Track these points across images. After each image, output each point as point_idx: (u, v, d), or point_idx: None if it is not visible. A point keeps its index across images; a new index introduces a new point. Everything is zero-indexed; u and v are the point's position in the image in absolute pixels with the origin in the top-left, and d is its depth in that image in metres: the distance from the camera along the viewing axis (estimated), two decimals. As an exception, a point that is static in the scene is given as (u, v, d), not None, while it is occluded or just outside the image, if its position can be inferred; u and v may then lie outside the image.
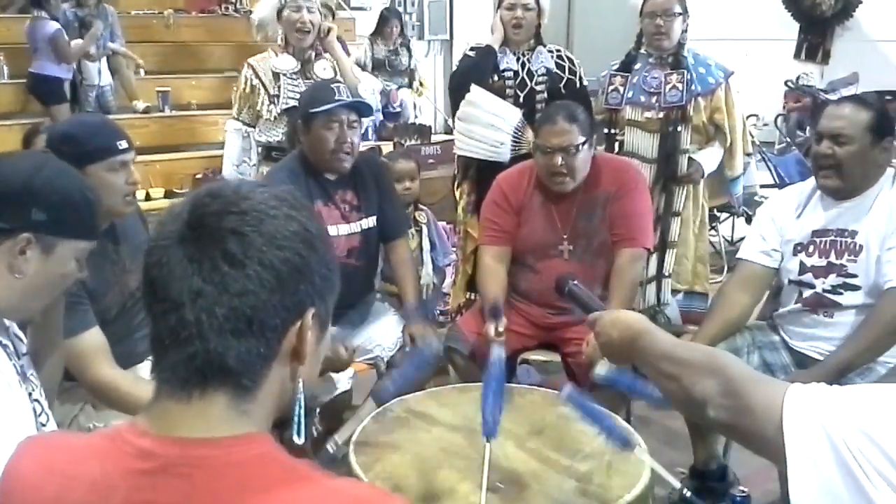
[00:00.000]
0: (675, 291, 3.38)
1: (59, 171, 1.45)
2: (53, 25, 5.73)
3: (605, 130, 3.37)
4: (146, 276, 0.83)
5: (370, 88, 3.48)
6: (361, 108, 2.69)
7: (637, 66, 3.28)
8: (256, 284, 0.79)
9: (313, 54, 3.31)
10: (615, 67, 3.36)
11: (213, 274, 0.79)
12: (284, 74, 3.24)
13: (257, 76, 3.26)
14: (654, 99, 3.20)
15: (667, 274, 3.32)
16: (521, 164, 2.85)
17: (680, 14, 3.16)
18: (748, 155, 3.60)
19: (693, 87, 3.17)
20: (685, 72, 3.17)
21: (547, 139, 2.56)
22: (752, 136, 4.18)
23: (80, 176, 1.54)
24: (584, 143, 2.55)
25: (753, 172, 4.56)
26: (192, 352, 0.79)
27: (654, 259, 3.27)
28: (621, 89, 3.27)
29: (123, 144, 1.99)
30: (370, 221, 2.71)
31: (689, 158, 3.25)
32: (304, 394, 0.88)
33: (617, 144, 3.31)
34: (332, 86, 2.64)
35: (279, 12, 3.27)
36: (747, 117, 4.27)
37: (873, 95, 7.49)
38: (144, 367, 2.07)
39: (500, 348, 2.02)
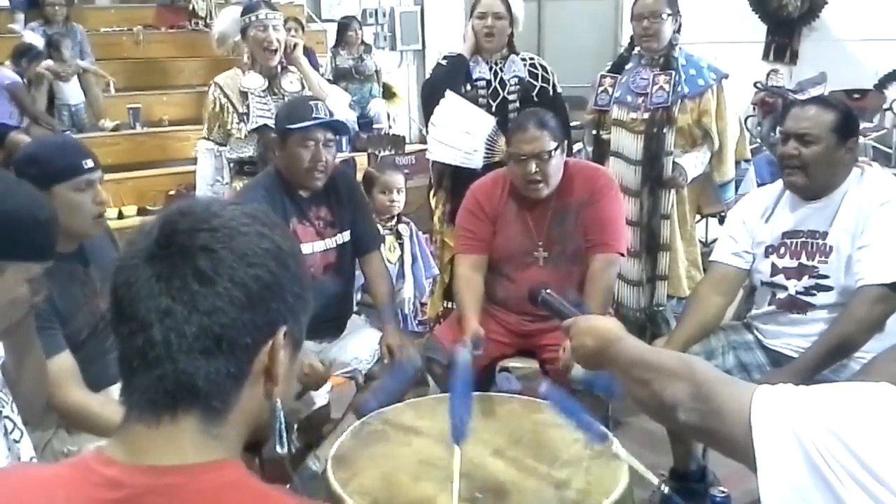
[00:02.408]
0: (669, 296, 3.31)
1: (7, 191, 1.40)
2: (15, 77, 5.66)
3: (594, 132, 3.36)
4: (114, 296, 0.81)
5: (341, 102, 3.46)
6: (338, 127, 2.70)
7: (629, 66, 3.26)
8: (227, 302, 0.78)
9: (280, 69, 3.30)
10: (607, 68, 3.35)
11: (183, 292, 0.77)
12: (253, 93, 3.24)
13: (225, 95, 3.25)
14: (640, 100, 3.16)
15: (661, 275, 3.26)
16: (494, 173, 2.85)
17: (669, 15, 3.11)
18: (746, 161, 3.50)
19: (679, 89, 3.11)
20: (673, 73, 3.12)
21: (519, 147, 2.58)
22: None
23: (35, 195, 1.48)
24: (556, 149, 2.57)
25: (752, 180, 4.39)
26: (160, 373, 0.78)
27: (646, 262, 3.23)
28: (610, 90, 3.25)
29: (89, 163, 1.96)
30: (345, 236, 2.72)
31: (673, 163, 3.17)
32: (282, 410, 0.87)
33: (605, 145, 3.27)
34: (311, 103, 2.63)
35: (244, 31, 3.26)
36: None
37: (841, 94, 7.62)
38: (117, 390, 2.05)
39: (465, 351, 2.02)
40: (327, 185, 2.65)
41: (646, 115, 3.14)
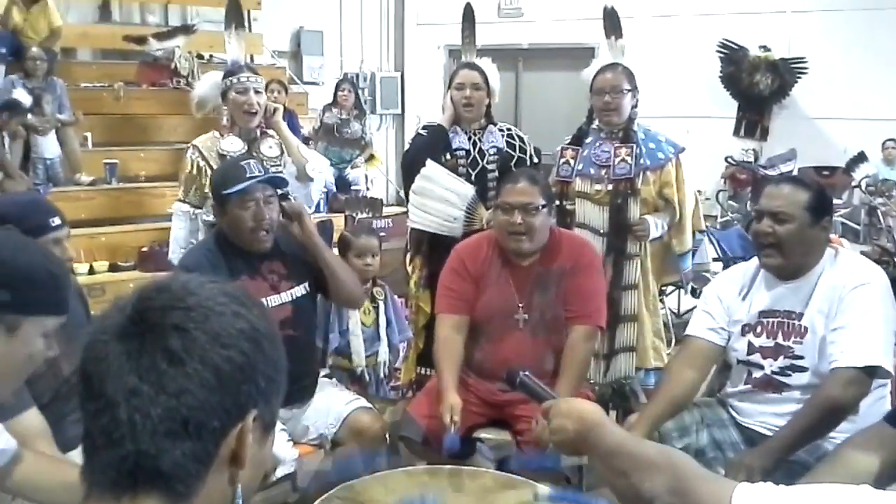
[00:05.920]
0: (636, 368, 3.28)
1: (21, 246, 1.40)
2: None
3: (557, 203, 3.39)
4: (82, 372, 0.79)
5: (319, 167, 3.47)
6: (277, 182, 2.67)
7: (588, 140, 3.30)
8: (195, 384, 0.76)
9: (259, 132, 3.30)
10: (567, 141, 3.39)
11: (151, 372, 0.76)
12: (231, 156, 3.22)
13: (203, 158, 3.23)
14: (602, 171, 3.20)
15: (623, 347, 3.23)
16: (480, 234, 2.88)
17: (629, 90, 3.18)
18: (701, 232, 3.60)
19: (642, 161, 3.17)
20: (634, 146, 3.17)
21: (508, 196, 2.62)
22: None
23: (44, 250, 1.49)
24: (543, 206, 2.61)
25: (706, 249, 4.57)
26: (122, 454, 0.76)
27: (606, 334, 3.17)
28: (572, 162, 3.29)
29: (56, 221, 1.96)
30: (301, 289, 2.67)
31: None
32: (243, 497, 0.84)
33: (568, 216, 3.30)
34: (242, 163, 2.62)
35: (224, 94, 3.25)
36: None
37: (810, 171, 7.79)
38: (77, 454, 1.98)
39: None
40: (280, 238, 2.62)
41: (609, 187, 3.19)
